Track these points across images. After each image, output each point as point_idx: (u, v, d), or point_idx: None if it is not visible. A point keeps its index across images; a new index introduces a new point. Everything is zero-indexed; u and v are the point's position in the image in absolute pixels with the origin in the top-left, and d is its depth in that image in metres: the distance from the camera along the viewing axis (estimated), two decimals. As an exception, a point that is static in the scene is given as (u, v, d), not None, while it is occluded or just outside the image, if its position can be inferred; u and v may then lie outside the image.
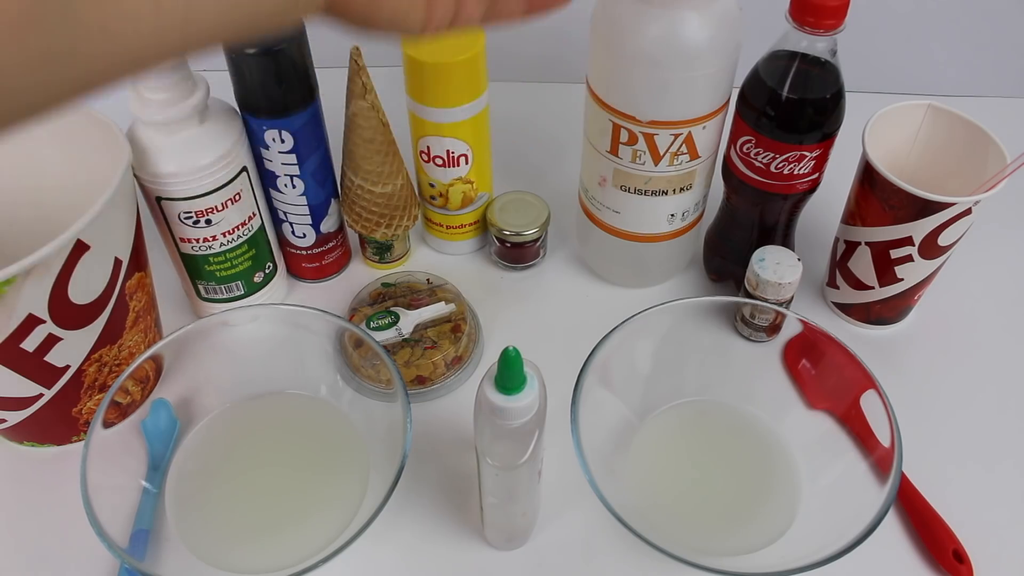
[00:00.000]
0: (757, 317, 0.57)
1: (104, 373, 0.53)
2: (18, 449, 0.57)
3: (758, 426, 0.55)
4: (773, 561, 0.47)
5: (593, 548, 0.52)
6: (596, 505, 0.45)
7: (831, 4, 0.49)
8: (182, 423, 0.54)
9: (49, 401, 0.52)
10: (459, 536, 0.53)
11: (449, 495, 0.54)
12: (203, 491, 0.52)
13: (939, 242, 0.56)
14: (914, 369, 0.62)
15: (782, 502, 0.52)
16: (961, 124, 0.58)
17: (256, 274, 0.62)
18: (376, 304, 0.61)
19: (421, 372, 0.58)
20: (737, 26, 0.51)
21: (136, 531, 0.48)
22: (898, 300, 0.61)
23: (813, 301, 0.66)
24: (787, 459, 0.54)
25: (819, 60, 0.53)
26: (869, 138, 0.56)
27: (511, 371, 0.39)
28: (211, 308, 0.62)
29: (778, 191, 0.57)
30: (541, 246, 0.68)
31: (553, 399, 0.44)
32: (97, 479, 0.46)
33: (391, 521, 0.53)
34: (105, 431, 0.49)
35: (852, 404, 0.52)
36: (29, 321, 0.47)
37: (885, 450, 0.48)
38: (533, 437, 0.43)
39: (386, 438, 0.51)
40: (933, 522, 0.52)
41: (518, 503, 0.48)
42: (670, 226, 0.61)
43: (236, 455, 0.54)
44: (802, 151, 0.55)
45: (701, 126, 0.54)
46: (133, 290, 0.53)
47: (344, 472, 0.53)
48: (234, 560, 0.49)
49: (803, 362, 0.55)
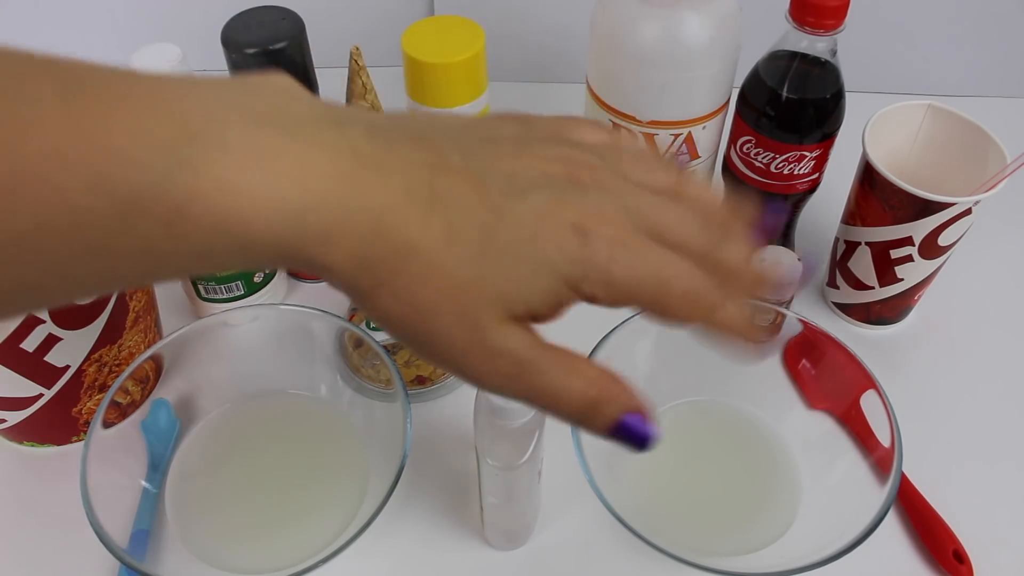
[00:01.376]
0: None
1: (104, 373, 0.53)
2: (18, 449, 0.56)
3: (758, 426, 0.55)
4: (773, 561, 0.47)
5: (593, 548, 0.52)
6: (596, 505, 0.45)
7: (831, 4, 0.49)
8: (182, 423, 0.54)
9: (49, 401, 0.52)
10: (459, 536, 0.53)
11: (449, 495, 0.54)
12: (203, 491, 0.52)
13: (939, 242, 0.56)
14: (914, 369, 0.62)
15: (782, 502, 0.52)
16: (961, 124, 0.58)
17: (256, 274, 0.62)
18: (376, 304, 0.61)
19: (421, 372, 0.58)
20: (737, 26, 0.51)
21: (136, 531, 0.48)
22: (898, 300, 0.61)
23: (813, 301, 0.66)
24: (787, 459, 0.54)
25: (819, 60, 0.53)
26: (869, 138, 0.56)
27: (511, 371, 0.39)
28: (211, 308, 0.62)
29: (778, 191, 0.57)
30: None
31: (553, 399, 0.44)
32: (97, 479, 0.46)
33: (391, 521, 0.53)
34: (105, 431, 0.49)
35: (852, 404, 0.52)
36: (29, 321, 0.47)
37: (885, 450, 0.48)
38: (533, 437, 0.43)
39: (386, 438, 0.51)
40: (933, 522, 0.52)
41: (518, 503, 0.48)
42: (670, 226, 0.61)
43: (236, 455, 0.54)
44: (802, 151, 0.55)
45: (701, 126, 0.54)
46: (133, 290, 0.53)
47: (344, 472, 0.53)
48: (234, 560, 0.49)
49: (803, 362, 0.55)
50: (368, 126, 0.25)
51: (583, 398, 0.26)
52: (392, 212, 0.24)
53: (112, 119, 0.21)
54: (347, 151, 0.24)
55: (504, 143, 0.27)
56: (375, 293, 0.24)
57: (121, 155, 0.21)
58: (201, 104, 0.23)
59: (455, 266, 0.24)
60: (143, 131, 0.21)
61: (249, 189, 0.22)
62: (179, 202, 0.21)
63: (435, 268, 0.24)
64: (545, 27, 0.79)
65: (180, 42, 0.52)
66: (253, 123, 0.23)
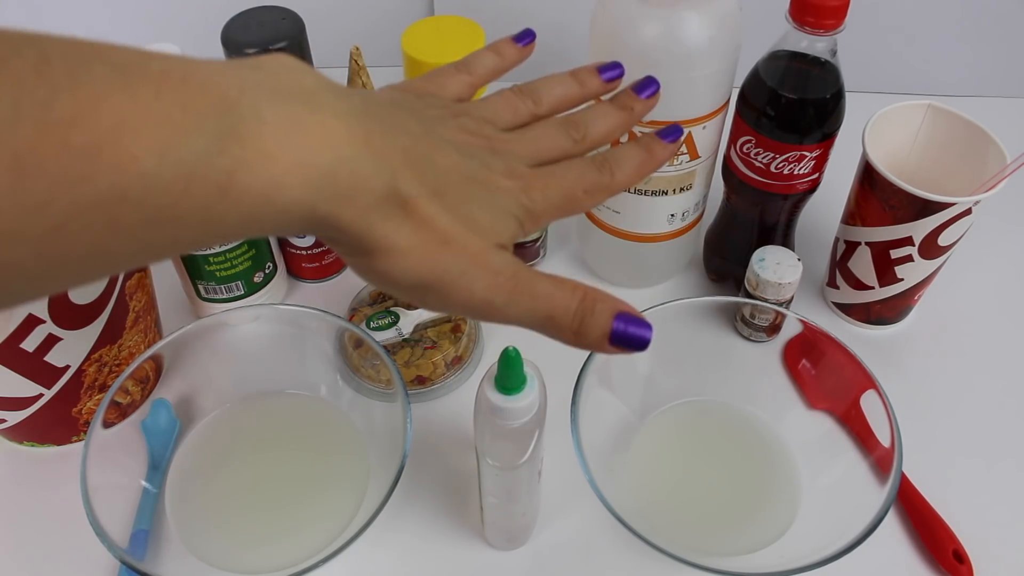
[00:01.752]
0: (757, 317, 0.57)
1: (104, 373, 0.53)
2: (18, 449, 0.57)
3: (758, 426, 0.55)
4: (773, 561, 0.47)
5: (593, 548, 0.52)
6: (596, 505, 0.45)
7: (831, 4, 0.49)
8: (182, 423, 0.54)
9: (49, 401, 0.52)
10: (459, 536, 0.53)
11: (449, 495, 0.54)
12: (203, 491, 0.52)
13: (939, 242, 0.56)
14: (914, 369, 0.62)
15: (782, 502, 0.52)
16: (961, 124, 0.58)
17: (256, 274, 0.62)
18: (376, 304, 0.61)
19: (421, 372, 0.58)
20: (737, 26, 0.51)
21: (136, 531, 0.48)
22: (898, 300, 0.61)
23: (813, 301, 0.66)
24: (787, 459, 0.54)
25: (819, 60, 0.53)
26: (869, 138, 0.56)
27: (511, 371, 0.39)
28: (211, 308, 0.62)
29: (778, 191, 0.57)
30: (541, 246, 0.68)
31: (553, 399, 0.44)
32: (97, 479, 0.46)
33: (391, 521, 0.53)
34: (105, 431, 0.49)
35: (852, 404, 0.52)
36: (29, 321, 0.47)
37: (885, 450, 0.48)
38: (533, 437, 0.43)
39: (386, 438, 0.51)
40: (933, 522, 0.52)
41: (518, 503, 0.48)
42: (670, 226, 0.61)
43: (236, 455, 0.54)
44: (802, 151, 0.55)
45: (701, 126, 0.54)
46: (133, 290, 0.53)
47: (344, 472, 0.53)
48: (234, 560, 0.49)
49: (803, 362, 0.55)
50: (360, 96, 0.29)
51: (573, 300, 0.31)
52: (399, 171, 0.28)
53: (162, 95, 0.23)
54: (355, 119, 0.27)
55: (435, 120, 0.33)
56: (388, 245, 0.28)
57: (178, 126, 0.23)
58: (232, 81, 0.25)
59: (449, 213, 0.29)
60: (191, 105, 0.23)
61: (285, 157, 0.25)
62: (229, 169, 0.24)
63: (434, 216, 0.29)
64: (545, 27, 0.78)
65: (180, 42, 0.52)
66: (279, 98, 0.26)
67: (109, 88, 0.22)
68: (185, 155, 0.23)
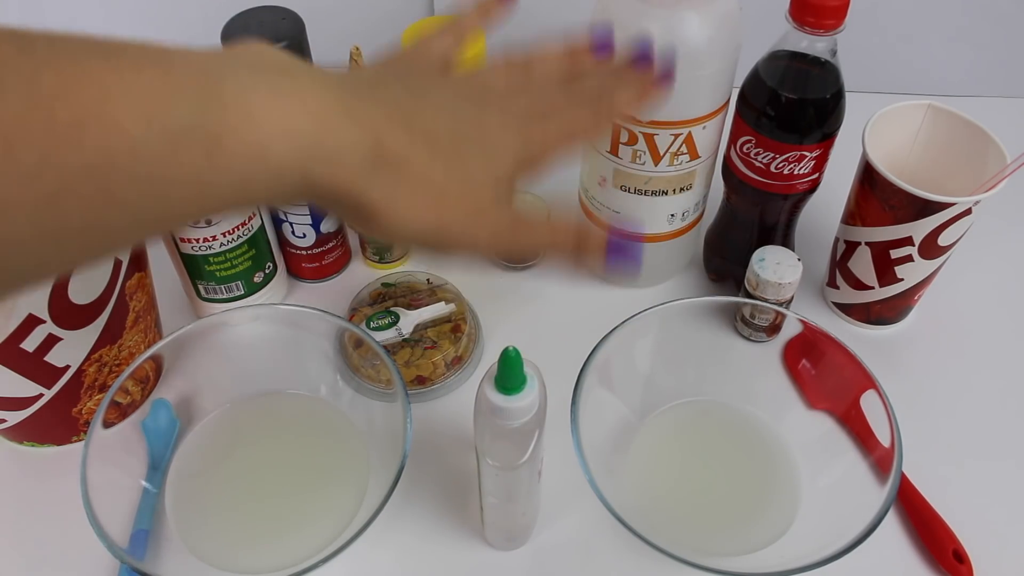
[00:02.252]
0: (757, 317, 0.57)
1: (104, 373, 0.53)
2: (18, 449, 0.57)
3: (758, 426, 0.55)
4: (773, 561, 0.47)
5: (593, 548, 0.52)
6: (596, 505, 0.45)
7: (831, 4, 0.49)
8: (182, 423, 0.54)
9: (49, 401, 0.52)
10: (459, 536, 0.53)
11: (449, 495, 0.54)
12: (203, 491, 0.52)
13: (939, 242, 0.56)
14: (914, 369, 0.62)
15: (782, 502, 0.52)
16: (961, 124, 0.58)
17: (256, 274, 0.62)
18: (376, 304, 0.61)
19: (421, 372, 0.58)
20: (737, 26, 0.51)
21: (136, 531, 0.48)
22: (898, 300, 0.61)
23: (813, 301, 0.66)
24: (787, 459, 0.54)
25: (819, 60, 0.53)
26: (869, 138, 0.56)
27: (511, 371, 0.39)
28: (211, 308, 0.62)
29: (778, 191, 0.57)
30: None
31: (553, 399, 0.44)
32: (97, 479, 0.46)
33: (391, 521, 0.53)
34: (105, 431, 0.49)
35: (852, 404, 0.52)
36: (29, 321, 0.47)
37: (885, 450, 0.48)
38: (533, 437, 0.43)
39: (386, 438, 0.51)
40: (933, 522, 0.52)
41: (518, 503, 0.48)
42: (670, 226, 0.61)
43: (236, 455, 0.54)
44: (802, 151, 0.55)
45: (701, 126, 0.54)
46: (133, 290, 0.53)
47: (344, 472, 0.53)
48: (234, 560, 0.49)
49: (803, 362, 0.55)
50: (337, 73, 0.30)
51: (569, 228, 0.34)
52: (384, 132, 0.29)
53: (144, 69, 0.24)
54: (331, 89, 0.28)
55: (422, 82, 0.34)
56: (386, 204, 0.29)
57: (161, 95, 0.24)
58: (211, 57, 0.26)
59: (442, 165, 0.31)
60: (172, 76, 0.25)
61: (270, 121, 0.26)
62: (214, 133, 0.25)
63: (427, 170, 0.30)
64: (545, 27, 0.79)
65: (180, 42, 0.52)
66: (257, 70, 0.27)
67: (92, 64, 0.23)
68: (170, 122, 0.24)
